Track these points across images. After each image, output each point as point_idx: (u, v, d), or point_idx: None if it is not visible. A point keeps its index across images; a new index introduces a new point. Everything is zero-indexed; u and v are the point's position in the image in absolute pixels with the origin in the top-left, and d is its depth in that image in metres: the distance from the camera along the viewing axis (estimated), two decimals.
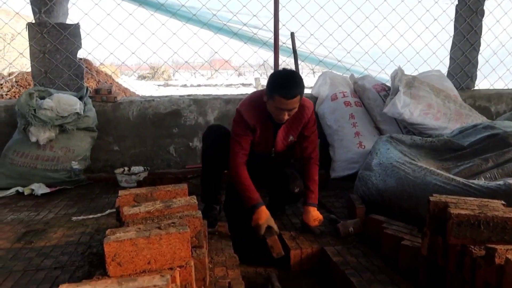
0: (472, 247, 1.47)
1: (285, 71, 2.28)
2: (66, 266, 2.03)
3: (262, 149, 2.42)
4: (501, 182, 2.13)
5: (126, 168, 3.66)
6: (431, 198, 1.66)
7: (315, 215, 2.35)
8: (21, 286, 1.83)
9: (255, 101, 2.33)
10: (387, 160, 2.59)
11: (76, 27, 3.79)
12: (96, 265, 2.00)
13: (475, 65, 4.66)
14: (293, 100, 2.14)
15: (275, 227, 2.27)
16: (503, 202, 1.65)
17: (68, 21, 3.92)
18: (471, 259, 1.45)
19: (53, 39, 3.72)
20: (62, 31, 3.72)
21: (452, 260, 1.55)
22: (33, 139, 3.31)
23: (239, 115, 2.33)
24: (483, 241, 1.48)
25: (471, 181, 2.23)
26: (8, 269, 2.00)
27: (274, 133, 2.36)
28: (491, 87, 4.93)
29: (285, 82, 2.15)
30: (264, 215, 2.25)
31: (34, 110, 3.34)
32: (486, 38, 4.69)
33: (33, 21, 3.77)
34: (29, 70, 3.88)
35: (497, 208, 1.57)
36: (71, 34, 3.76)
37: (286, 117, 2.21)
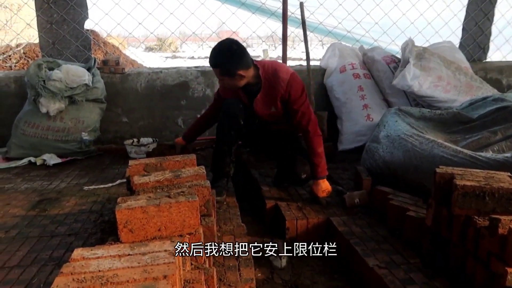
0: (476, 217, 1.49)
1: (222, 41, 2.31)
2: (79, 233, 2.11)
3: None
4: (508, 155, 2.13)
5: (135, 140, 3.70)
6: (437, 170, 1.67)
7: (324, 186, 2.37)
8: (37, 251, 1.91)
9: None
10: (395, 132, 2.58)
11: None
12: (108, 232, 2.06)
13: (488, 36, 4.56)
14: (215, 69, 2.28)
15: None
16: (509, 174, 1.65)
17: None
18: (474, 229, 1.47)
19: (59, 9, 3.69)
20: (68, 1, 3.68)
21: (456, 230, 1.57)
22: (43, 110, 3.34)
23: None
24: (488, 212, 1.49)
25: (478, 153, 2.23)
26: (24, 235, 2.07)
27: (250, 102, 2.41)
28: (504, 59, 4.82)
29: (212, 50, 2.26)
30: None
31: (44, 81, 3.35)
32: (500, 7, 4.56)
33: None
34: (37, 41, 3.87)
35: (503, 180, 1.58)
36: (78, 4, 3.72)
37: (223, 84, 2.37)
